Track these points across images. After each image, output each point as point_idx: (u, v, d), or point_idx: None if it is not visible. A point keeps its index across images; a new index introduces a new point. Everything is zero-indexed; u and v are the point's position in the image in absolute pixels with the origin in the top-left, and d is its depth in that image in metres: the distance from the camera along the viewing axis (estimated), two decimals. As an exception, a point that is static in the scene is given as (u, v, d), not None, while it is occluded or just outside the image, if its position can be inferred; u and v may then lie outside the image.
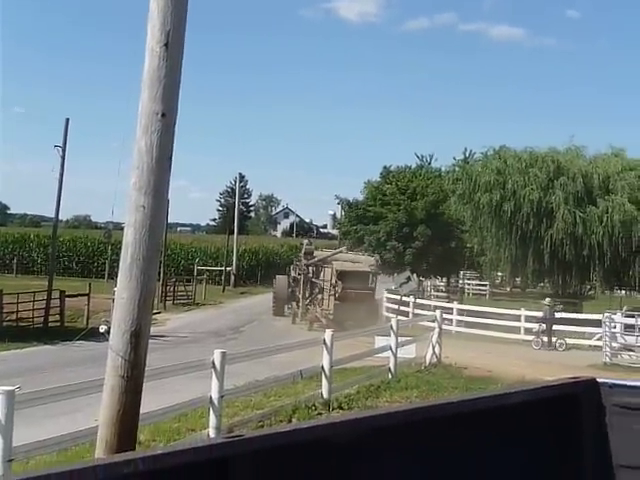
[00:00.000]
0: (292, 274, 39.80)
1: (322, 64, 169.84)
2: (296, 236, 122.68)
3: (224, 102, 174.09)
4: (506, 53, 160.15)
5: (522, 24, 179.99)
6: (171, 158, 7.18)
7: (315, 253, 37.75)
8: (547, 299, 31.63)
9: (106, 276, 53.81)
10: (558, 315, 30.30)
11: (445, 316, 25.31)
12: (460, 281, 59.66)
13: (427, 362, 21.18)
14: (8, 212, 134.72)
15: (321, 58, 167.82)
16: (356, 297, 33.43)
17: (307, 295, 36.54)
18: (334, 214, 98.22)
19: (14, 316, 30.94)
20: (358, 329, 23.38)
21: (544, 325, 29.40)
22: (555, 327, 29.39)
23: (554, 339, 29.04)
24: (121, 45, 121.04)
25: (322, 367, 15.19)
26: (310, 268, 36.57)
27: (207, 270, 60.29)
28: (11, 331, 28.55)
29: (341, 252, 38.75)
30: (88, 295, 33.75)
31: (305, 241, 41.94)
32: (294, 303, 37.88)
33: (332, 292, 34.84)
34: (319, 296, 35.80)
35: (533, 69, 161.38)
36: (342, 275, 34.80)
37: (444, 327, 23.62)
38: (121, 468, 1.90)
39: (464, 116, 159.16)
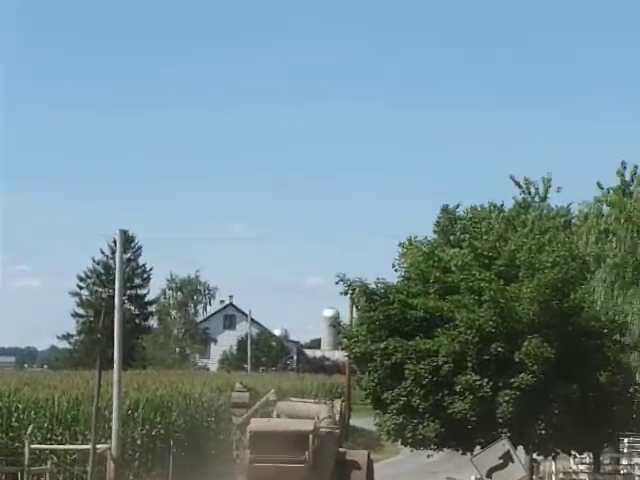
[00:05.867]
0: None
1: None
2: (253, 367, 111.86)
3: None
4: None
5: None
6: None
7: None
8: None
9: None
10: None
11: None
12: (623, 460, 50.64)
13: None
14: None
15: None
16: (276, 474, 34.87)
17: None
18: (335, 316, 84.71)
19: None
20: None
21: None
22: None
23: None
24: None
25: None
26: (240, 430, 39.26)
27: (52, 452, 47.92)
28: None
29: (268, 400, 39.84)
30: None
31: (237, 385, 43.00)
32: None
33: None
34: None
35: None
36: (257, 438, 36.26)
37: None
38: None
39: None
